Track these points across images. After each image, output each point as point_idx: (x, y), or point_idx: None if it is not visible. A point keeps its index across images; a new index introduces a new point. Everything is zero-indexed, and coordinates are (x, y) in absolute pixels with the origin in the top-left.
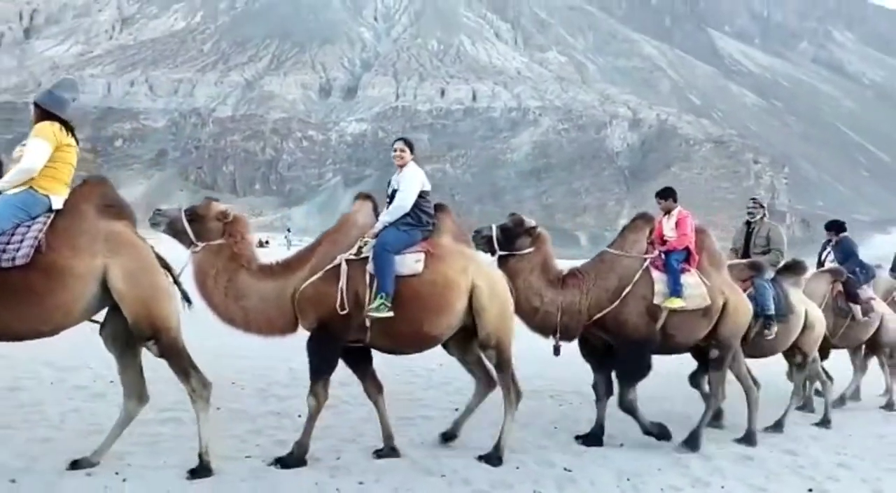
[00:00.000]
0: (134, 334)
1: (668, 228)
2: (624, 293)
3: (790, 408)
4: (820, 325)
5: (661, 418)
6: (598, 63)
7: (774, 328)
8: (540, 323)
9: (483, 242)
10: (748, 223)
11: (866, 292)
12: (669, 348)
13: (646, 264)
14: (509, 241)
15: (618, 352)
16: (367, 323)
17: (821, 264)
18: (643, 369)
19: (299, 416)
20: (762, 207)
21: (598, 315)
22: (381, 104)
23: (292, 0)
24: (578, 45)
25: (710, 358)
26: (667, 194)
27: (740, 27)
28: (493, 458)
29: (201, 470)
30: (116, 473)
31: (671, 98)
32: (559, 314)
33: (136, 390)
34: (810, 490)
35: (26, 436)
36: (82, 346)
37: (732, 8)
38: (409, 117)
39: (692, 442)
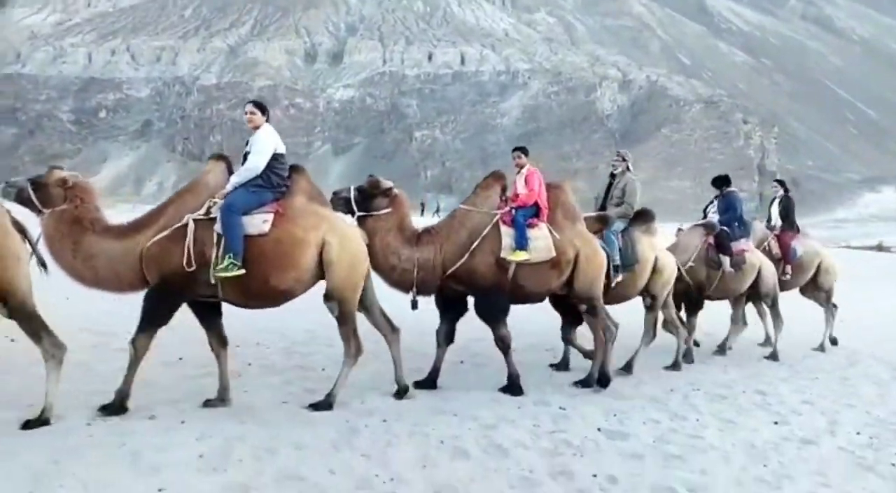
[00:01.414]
0: None
1: (519, 184)
2: (472, 247)
3: (640, 349)
4: (669, 270)
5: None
6: (586, 23)
7: (619, 277)
8: (398, 279)
9: (341, 203)
10: (612, 175)
11: (740, 245)
12: (522, 297)
13: (495, 219)
14: (366, 202)
15: (475, 300)
16: (213, 280)
17: (704, 217)
18: (500, 311)
19: (322, 369)
20: (625, 160)
21: (452, 269)
22: (368, 70)
23: None
24: (567, 5)
25: (584, 311)
26: (519, 151)
27: None
28: (323, 405)
29: (37, 422)
30: (182, 422)
31: (661, 58)
32: (416, 271)
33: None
34: (776, 423)
35: (86, 390)
36: (116, 313)
37: None
38: (397, 82)
39: (588, 383)
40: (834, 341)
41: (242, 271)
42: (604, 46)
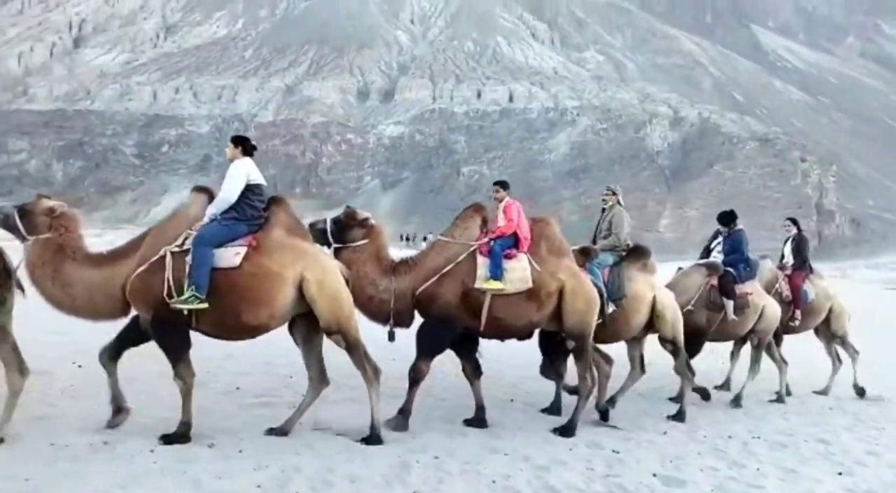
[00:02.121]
0: None
1: (500, 218)
2: (442, 272)
3: (683, 392)
4: (672, 312)
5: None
6: (636, 61)
7: (606, 311)
8: (375, 311)
9: (318, 234)
10: (603, 210)
11: (744, 287)
12: (501, 330)
13: (472, 249)
14: (342, 233)
15: (420, 324)
16: (187, 312)
17: (708, 253)
18: (436, 344)
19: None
20: (615, 194)
21: (417, 292)
22: (418, 107)
23: (330, 5)
24: (616, 44)
25: (571, 349)
26: (498, 186)
27: (784, 22)
28: (372, 438)
29: None
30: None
31: (713, 95)
32: (392, 302)
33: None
34: (840, 474)
35: (151, 416)
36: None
37: (776, 2)
38: (446, 119)
39: (568, 430)
40: (861, 392)
41: (204, 306)
42: (654, 83)
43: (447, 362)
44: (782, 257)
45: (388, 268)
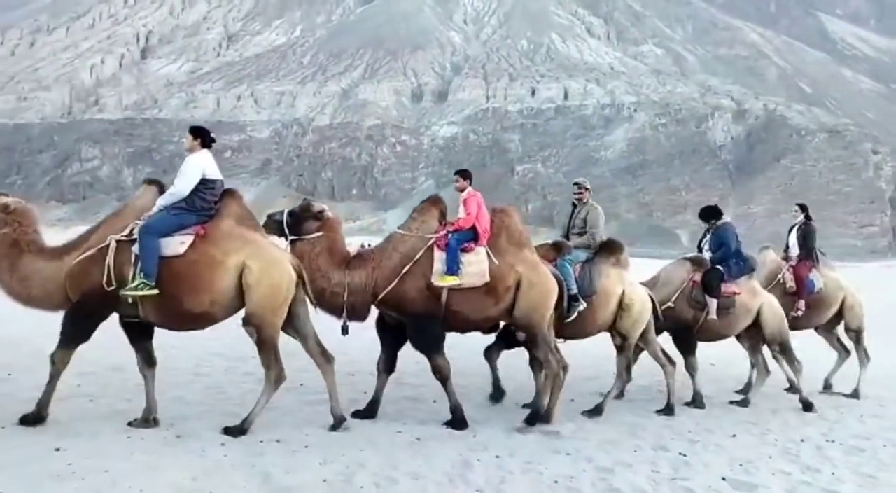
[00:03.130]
0: None
1: (461, 209)
2: (403, 271)
3: (610, 393)
4: (640, 306)
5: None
6: (697, 54)
7: (577, 308)
8: (328, 304)
9: (275, 226)
10: (574, 205)
11: (730, 286)
12: (460, 324)
13: (430, 243)
14: (298, 225)
15: (407, 327)
16: (130, 300)
17: (699, 252)
18: (434, 339)
19: (434, 401)
20: (587, 189)
21: (382, 294)
22: (472, 107)
23: (385, 9)
24: (676, 37)
25: (523, 342)
26: (458, 175)
27: (853, 9)
28: (235, 431)
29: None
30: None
31: (779, 87)
32: (346, 295)
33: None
34: None
35: (219, 411)
36: (245, 339)
37: None
38: (500, 118)
39: (532, 419)
40: (855, 394)
41: (154, 292)
42: (716, 76)
43: (508, 366)
44: (787, 246)
45: (343, 261)
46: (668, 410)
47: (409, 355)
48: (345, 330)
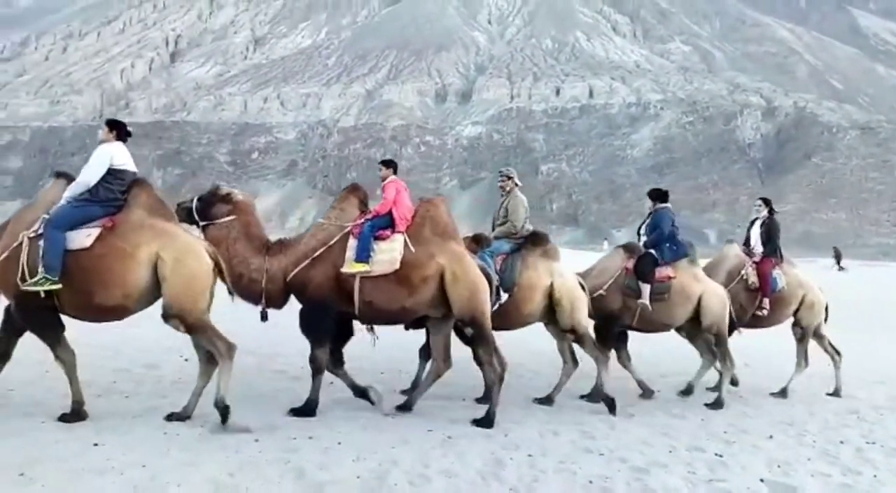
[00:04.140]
0: None
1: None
2: (314, 256)
3: (561, 383)
4: (568, 298)
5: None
6: (725, 51)
7: (499, 299)
8: (245, 290)
9: (185, 213)
10: (501, 195)
11: (664, 270)
12: (374, 315)
13: (345, 231)
14: (207, 210)
15: (300, 312)
16: (43, 294)
17: (638, 237)
18: (322, 329)
19: (463, 400)
20: (510, 178)
21: (290, 277)
22: (496, 107)
23: (409, 10)
24: (704, 33)
25: (470, 337)
26: (384, 164)
27: (886, 3)
28: (178, 416)
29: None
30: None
31: (809, 84)
32: (264, 281)
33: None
34: None
35: (251, 407)
36: (274, 335)
37: None
38: (524, 118)
39: (486, 421)
40: (836, 393)
41: (56, 287)
42: (745, 73)
43: (537, 362)
44: (747, 241)
45: (261, 247)
46: (591, 395)
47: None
48: (264, 317)
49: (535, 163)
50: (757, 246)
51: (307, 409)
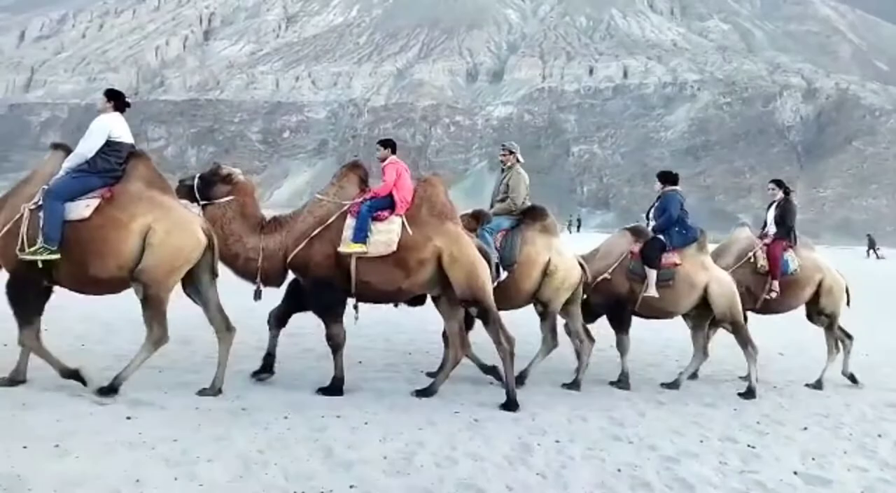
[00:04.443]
0: None
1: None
2: (313, 235)
3: (535, 360)
4: (563, 273)
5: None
6: (765, 29)
7: (499, 276)
8: (242, 268)
9: (186, 191)
10: (502, 171)
11: (671, 257)
12: (372, 295)
13: (344, 209)
14: (208, 189)
15: (307, 291)
16: (40, 265)
17: (647, 220)
18: (332, 306)
19: (491, 383)
20: (511, 153)
21: (290, 257)
22: (527, 86)
23: None
24: (744, 11)
25: (476, 316)
26: (382, 144)
27: None
28: (106, 390)
29: None
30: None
31: (852, 65)
32: (260, 260)
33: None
34: None
35: (280, 384)
36: (302, 316)
37: None
38: (556, 98)
39: (509, 404)
40: (852, 379)
41: (55, 256)
42: (786, 53)
43: (565, 345)
44: (764, 224)
45: (257, 226)
46: (573, 385)
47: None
48: (257, 295)
49: (567, 144)
50: (771, 228)
51: (334, 388)
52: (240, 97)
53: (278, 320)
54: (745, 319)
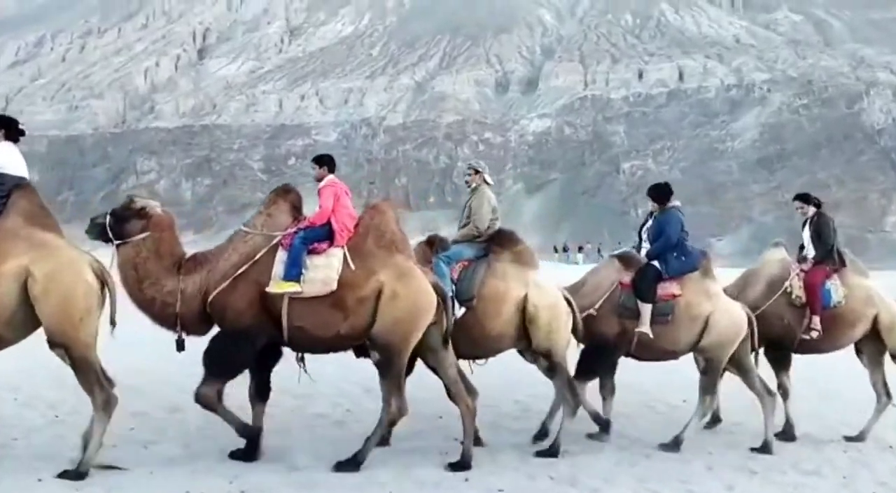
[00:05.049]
0: None
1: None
2: (236, 274)
3: (563, 423)
4: (549, 313)
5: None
6: (845, 19)
7: (455, 313)
8: (159, 315)
9: (97, 230)
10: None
11: (669, 288)
12: (306, 343)
13: (274, 242)
14: (121, 226)
15: (212, 338)
16: None
17: (639, 242)
18: (229, 362)
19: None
20: (478, 172)
21: (210, 298)
22: (567, 95)
23: None
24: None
25: (375, 363)
26: (316, 162)
27: None
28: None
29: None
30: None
31: None
32: (178, 305)
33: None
34: None
35: (288, 462)
36: (315, 373)
37: None
38: (601, 108)
39: (459, 465)
40: (860, 436)
41: None
42: (870, 45)
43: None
44: (802, 247)
45: (175, 265)
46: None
47: (506, 398)
48: (180, 345)
49: (616, 160)
50: (809, 250)
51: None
52: (239, 121)
53: (259, 392)
54: (790, 359)
